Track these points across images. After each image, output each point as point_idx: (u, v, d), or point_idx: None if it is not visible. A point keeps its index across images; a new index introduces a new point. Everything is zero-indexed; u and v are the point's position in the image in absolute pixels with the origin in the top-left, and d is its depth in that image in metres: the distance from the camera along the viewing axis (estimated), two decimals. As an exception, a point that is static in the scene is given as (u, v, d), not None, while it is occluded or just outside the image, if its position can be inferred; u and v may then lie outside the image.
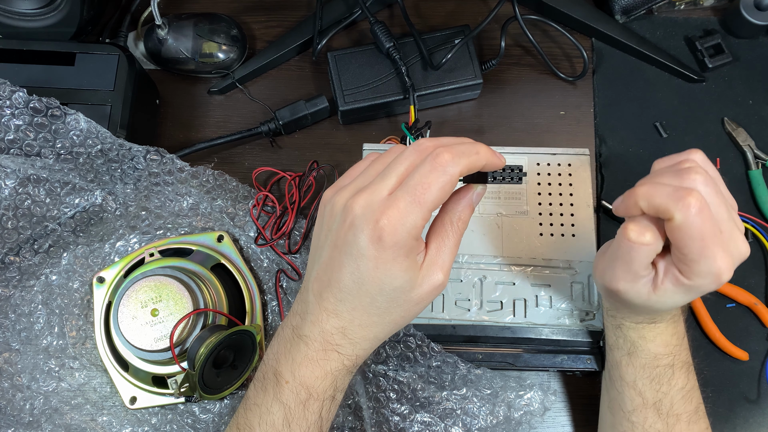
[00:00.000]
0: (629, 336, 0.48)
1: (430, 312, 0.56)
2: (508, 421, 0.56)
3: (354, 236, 0.40)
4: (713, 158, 0.67)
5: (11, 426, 0.56)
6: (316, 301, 0.43)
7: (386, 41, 0.65)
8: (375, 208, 0.40)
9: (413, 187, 0.39)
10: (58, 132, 0.59)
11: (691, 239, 0.39)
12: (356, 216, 0.40)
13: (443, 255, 0.42)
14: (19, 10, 0.61)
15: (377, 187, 0.41)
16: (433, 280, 0.42)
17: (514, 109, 0.69)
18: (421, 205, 0.39)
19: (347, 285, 0.41)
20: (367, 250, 0.40)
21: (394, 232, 0.39)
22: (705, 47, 0.69)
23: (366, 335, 0.43)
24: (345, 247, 0.41)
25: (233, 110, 0.69)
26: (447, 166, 0.39)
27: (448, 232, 0.43)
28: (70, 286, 0.60)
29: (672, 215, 0.38)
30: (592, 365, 0.56)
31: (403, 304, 0.42)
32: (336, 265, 0.42)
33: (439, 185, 0.39)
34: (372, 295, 0.41)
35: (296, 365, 0.43)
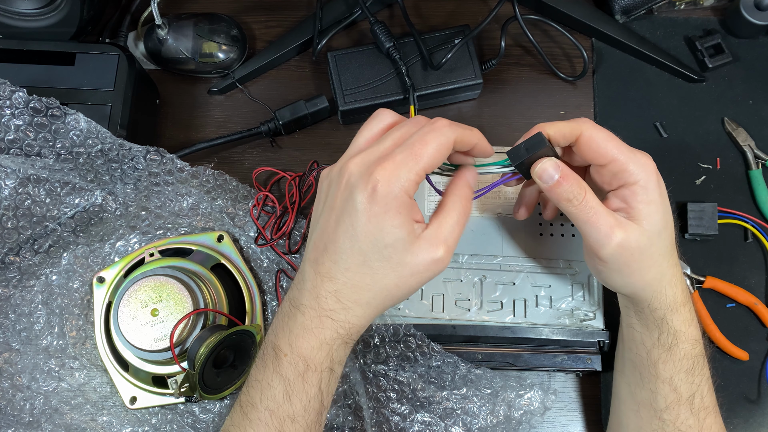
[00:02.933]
0: (673, 325, 0.48)
1: (430, 312, 0.56)
2: (509, 420, 0.56)
3: (349, 194, 0.42)
4: (713, 158, 0.67)
5: (11, 426, 0.56)
6: (311, 269, 0.44)
7: (386, 41, 0.65)
8: (371, 164, 0.41)
9: (410, 144, 0.42)
10: (58, 132, 0.59)
11: (605, 141, 0.45)
12: (351, 174, 0.42)
13: (444, 229, 0.43)
14: (19, 10, 0.61)
15: (373, 149, 0.43)
16: (432, 252, 0.42)
17: (514, 109, 0.69)
18: (417, 159, 0.41)
19: (342, 244, 0.42)
20: (361, 204, 0.41)
21: (387, 183, 0.40)
22: (705, 47, 0.69)
23: (359, 299, 0.43)
24: (341, 207, 0.42)
25: (233, 110, 0.69)
26: (444, 128, 0.42)
27: (449, 208, 0.44)
28: (70, 286, 0.60)
29: (580, 130, 0.45)
30: (592, 365, 0.56)
31: (397, 268, 0.42)
32: (331, 228, 0.43)
33: (437, 143, 0.42)
34: (365, 252, 0.42)
35: (293, 337, 0.44)
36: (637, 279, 0.47)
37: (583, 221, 0.46)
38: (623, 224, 0.45)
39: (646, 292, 0.48)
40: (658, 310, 0.48)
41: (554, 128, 0.46)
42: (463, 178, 0.46)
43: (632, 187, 0.46)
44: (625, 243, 0.45)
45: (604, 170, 0.47)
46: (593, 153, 0.46)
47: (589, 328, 0.56)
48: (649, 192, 0.46)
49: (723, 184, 0.66)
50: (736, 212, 0.64)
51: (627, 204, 0.46)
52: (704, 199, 0.64)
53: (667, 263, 0.48)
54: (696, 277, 0.62)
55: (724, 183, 0.66)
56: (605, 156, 0.46)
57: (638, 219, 0.46)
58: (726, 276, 0.63)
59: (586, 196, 0.45)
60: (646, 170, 0.46)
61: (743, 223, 0.64)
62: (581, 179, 0.46)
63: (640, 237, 0.45)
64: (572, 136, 0.46)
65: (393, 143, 0.43)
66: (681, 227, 0.64)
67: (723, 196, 0.66)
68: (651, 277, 0.47)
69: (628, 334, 0.51)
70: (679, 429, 0.49)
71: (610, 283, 0.49)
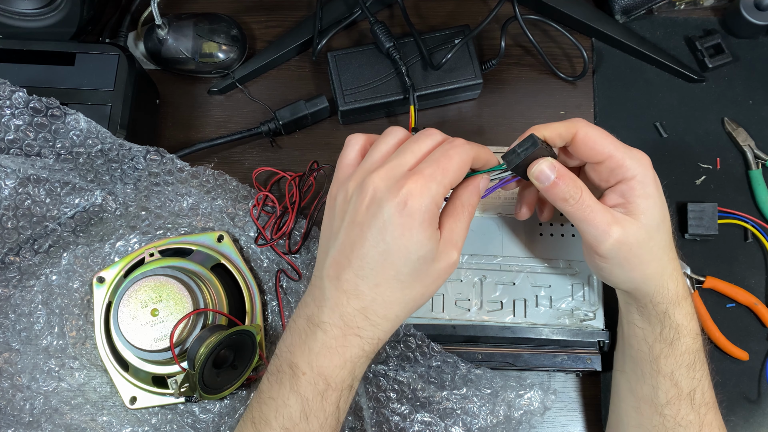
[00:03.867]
0: (676, 319, 0.48)
1: (430, 312, 0.56)
2: (509, 420, 0.56)
3: (377, 207, 0.41)
4: (713, 158, 0.67)
5: (11, 426, 0.56)
6: (333, 286, 0.43)
7: (386, 41, 0.65)
8: (398, 179, 0.41)
9: (437, 159, 0.42)
10: (58, 132, 0.59)
11: (601, 139, 0.46)
12: (377, 188, 0.42)
13: (456, 234, 0.44)
14: (19, 10, 0.61)
15: (396, 163, 0.43)
16: (449, 256, 0.43)
17: (514, 109, 0.69)
18: (444, 173, 0.42)
19: (371, 259, 0.42)
20: (393, 218, 0.41)
21: (419, 196, 0.41)
22: (705, 47, 0.69)
23: (388, 314, 0.43)
24: (367, 221, 0.41)
25: (233, 110, 0.69)
26: (465, 145, 0.43)
27: (459, 214, 0.45)
28: (70, 286, 0.60)
29: (575, 129, 0.46)
30: (592, 365, 0.56)
31: (425, 278, 0.43)
32: (357, 243, 0.42)
33: (460, 159, 0.43)
34: (397, 266, 0.42)
35: (314, 355, 0.43)
36: (639, 273, 0.48)
37: (580, 219, 0.46)
38: (620, 220, 0.46)
39: (648, 286, 0.48)
40: (661, 304, 0.48)
41: (549, 129, 0.47)
42: (474, 184, 0.46)
43: (630, 182, 0.46)
44: (623, 238, 0.46)
45: (600, 167, 0.47)
46: (589, 151, 0.47)
47: (589, 328, 0.56)
48: (647, 186, 0.46)
49: (723, 184, 0.66)
50: (736, 212, 0.64)
51: (625, 199, 0.47)
52: (704, 199, 0.64)
53: (667, 257, 0.49)
54: (696, 277, 0.62)
55: (724, 183, 0.66)
56: (601, 153, 0.46)
57: (636, 213, 0.46)
58: (726, 276, 0.63)
59: (582, 194, 0.46)
60: (643, 165, 0.47)
61: (743, 223, 0.64)
62: (577, 178, 0.46)
63: (638, 231, 0.46)
64: (568, 135, 0.47)
65: (415, 158, 0.43)
66: (681, 227, 0.64)
67: (723, 196, 0.66)
68: (652, 271, 0.48)
69: (629, 331, 0.51)
70: (680, 424, 0.49)
71: (611, 280, 0.50)
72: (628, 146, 0.47)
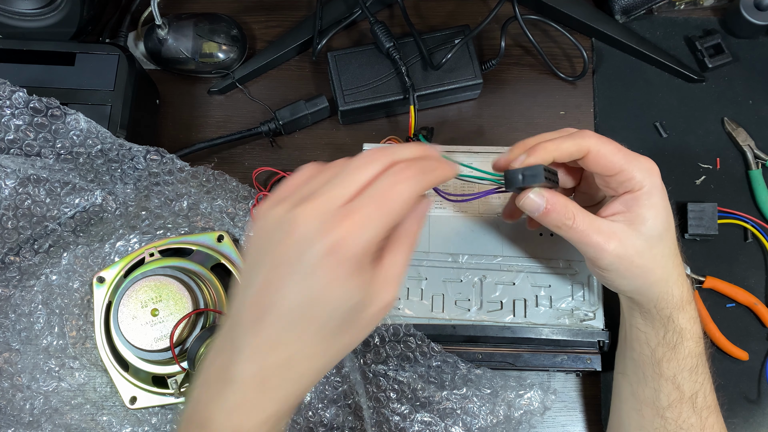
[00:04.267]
0: (679, 323, 0.48)
1: (430, 312, 0.56)
2: (509, 420, 0.56)
3: (302, 251, 0.35)
4: (713, 158, 0.67)
5: (11, 426, 0.56)
6: (251, 332, 0.37)
7: (386, 41, 0.65)
8: (329, 218, 0.35)
9: (378, 197, 0.36)
10: (58, 132, 0.59)
11: (613, 155, 0.45)
12: (305, 227, 0.35)
13: (394, 269, 0.38)
14: (19, 10, 0.61)
15: (329, 196, 0.36)
16: (384, 298, 0.38)
17: (514, 109, 0.69)
18: (386, 215, 0.36)
19: (293, 309, 0.36)
20: (320, 267, 0.35)
21: (353, 244, 0.35)
22: (705, 47, 0.69)
23: (312, 367, 0.38)
24: (290, 265, 0.35)
25: (233, 110, 0.69)
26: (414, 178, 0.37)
27: (397, 247, 0.39)
28: (70, 286, 0.60)
29: (587, 148, 0.45)
30: (592, 365, 0.56)
31: (355, 327, 0.38)
32: (278, 287, 0.36)
33: (408, 196, 0.37)
34: (323, 319, 0.36)
35: (228, 413, 0.37)
36: (642, 282, 0.47)
37: (576, 241, 0.46)
38: (617, 233, 0.46)
39: (653, 292, 0.48)
40: (665, 309, 0.48)
41: (561, 151, 0.45)
42: (418, 211, 0.40)
43: (636, 194, 0.46)
44: (621, 252, 0.46)
45: (610, 179, 0.46)
46: (601, 168, 0.46)
47: (589, 328, 0.56)
48: (652, 197, 0.46)
49: (723, 184, 0.66)
50: (736, 212, 0.64)
51: (627, 208, 0.46)
52: (704, 199, 0.64)
53: (672, 264, 0.48)
54: (696, 277, 0.62)
55: (724, 183, 0.66)
56: (613, 169, 0.46)
57: (637, 223, 0.46)
58: (726, 276, 0.63)
59: (575, 220, 0.45)
60: (651, 176, 0.46)
61: (743, 223, 0.64)
62: (569, 202, 0.46)
63: (638, 242, 0.46)
64: (579, 154, 0.46)
65: (353, 189, 0.37)
66: (681, 227, 0.64)
67: (723, 196, 0.66)
68: (656, 279, 0.48)
69: (631, 334, 0.51)
70: (681, 427, 0.49)
71: (615, 287, 0.50)
72: (637, 155, 0.46)
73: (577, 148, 0.45)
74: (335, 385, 0.56)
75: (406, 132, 0.65)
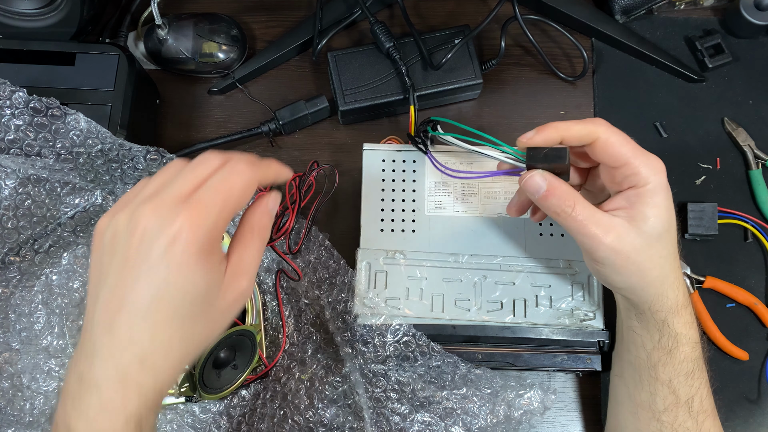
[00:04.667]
0: (675, 328, 0.48)
1: (430, 312, 0.56)
2: (509, 420, 0.56)
3: (148, 244, 0.36)
4: (713, 158, 0.67)
5: (11, 426, 0.56)
6: (105, 334, 0.37)
7: (386, 41, 0.65)
8: (169, 211, 0.37)
9: (215, 187, 0.38)
10: (58, 132, 0.59)
11: (621, 146, 0.45)
12: (148, 223, 0.37)
13: (246, 261, 0.40)
14: (19, 10, 0.61)
15: (167, 193, 0.38)
16: (238, 286, 0.40)
17: (514, 109, 0.69)
18: (225, 202, 0.38)
19: (144, 302, 0.37)
20: (165, 256, 0.36)
21: (194, 230, 0.36)
22: (705, 47, 0.69)
23: (169, 360, 0.38)
24: (137, 260, 0.37)
25: (233, 110, 0.69)
26: (245, 170, 0.39)
27: (248, 239, 0.41)
28: (70, 286, 0.60)
29: (597, 134, 0.45)
30: (592, 365, 0.56)
31: (209, 314, 0.39)
32: (128, 284, 0.37)
33: (243, 185, 0.39)
34: (174, 307, 0.37)
35: (90, 420, 0.37)
36: (638, 280, 0.47)
37: (573, 231, 0.46)
38: (616, 227, 0.46)
39: (648, 293, 0.48)
40: (660, 312, 0.48)
41: (570, 132, 0.46)
42: (263, 206, 0.43)
43: (640, 190, 0.46)
44: (617, 247, 0.46)
45: (616, 172, 0.47)
46: (608, 157, 0.46)
47: (589, 328, 0.56)
48: (656, 196, 0.46)
49: (723, 184, 0.66)
50: (736, 212, 0.64)
51: (630, 205, 0.46)
52: (704, 199, 0.64)
53: (669, 266, 0.48)
54: (696, 277, 0.62)
55: (724, 183, 0.66)
56: (619, 160, 0.46)
57: (637, 220, 0.46)
58: (726, 276, 0.63)
59: (575, 207, 0.45)
60: (657, 175, 0.46)
61: (743, 223, 0.64)
62: (570, 190, 0.46)
63: (636, 239, 0.46)
64: (589, 139, 0.46)
65: (191, 185, 0.38)
66: (681, 227, 0.64)
67: (723, 196, 0.66)
68: (653, 279, 0.47)
69: (628, 336, 0.51)
70: (677, 431, 0.49)
71: (610, 283, 0.50)
72: (645, 152, 0.47)
73: (586, 132, 0.46)
74: (335, 385, 0.56)
75: (406, 132, 0.65)
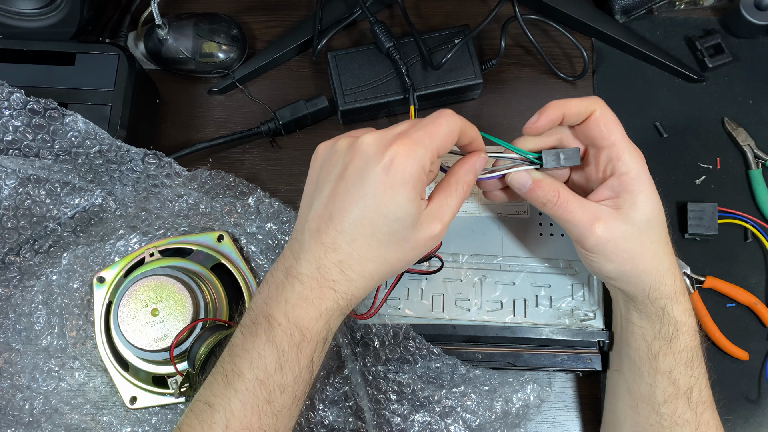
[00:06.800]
0: (674, 315, 0.49)
1: (430, 312, 0.56)
2: (506, 415, 0.56)
3: (365, 163, 0.42)
4: (713, 158, 0.67)
5: (11, 426, 0.56)
6: (313, 238, 0.44)
7: (386, 41, 0.65)
8: (387, 140, 0.43)
9: (425, 125, 0.44)
10: (57, 133, 0.59)
11: (614, 124, 0.48)
12: (368, 146, 0.43)
13: (444, 209, 0.45)
14: (19, 10, 0.61)
15: (387, 130, 0.44)
16: (431, 228, 0.44)
17: (514, 109, 0.69)
18: (432, 138, 0.43)
19: (351, 215, 0.43)
20: (378, 176, 0.42)
21: (405, 157, 0.42)
22: (705, 47, 0.69)
23: (362, 270, 0.44)
24: (353, 176, 0.43)
25: (233, 110, 0.69)
26: (452, 115, 0.45)
27: (452, 191, 0.46)
28: (70, 286, 0.60)
29: (594, 107, 0.48)
30: (592, 365, 0.56)
31: (403, 242, 0.44)
32: (340, 197, 0.43)
33: (448, 127, 0.44)
34: (376, 223, 0.42)
35: (290, 306, 0.43)
36: (632, 267, 0.48)
37: (562, 220, 0.48)
38: (604, 215, 0.47)
39: (644, 281, 0.48)
40: (659, 300, 0.49)
41: (569, 106, 0.48)
42: (471, 162, 0.47)
43: (623, 178, 0.48)
44: (607, 234, 0.47)
45: (600, 155, 0.49)
46: (599, 132, 0.48)
47: (589, 328, 0.56)
48: (640, 183, 0.48)
49: (723, 184, 0.66)
50: (736, 212, 0.64)
51: (615, 194, 0.48)
52: (704, 199, 0.64)
53: (663, 252, 0.49)
54: (696, 277, 0.62)
55: (724, 183, 0.66)
56: (608, 138, 0.48)
57: (624, 208, 0.47)
58: (726, 276, 0.63)
59: (560, 197, 0.48)
60: (638, 162, 0.48)
61: (743, 223, 0.64)
62: (555, 182, 0.48)
63: (624, 226, 0.47)
64: (586, 112, 0.48)
65: (406, 125, 0.45)
66: (681, 227, 0.64)
67: (723, 196, 0.66)
68: (647, 266, 0.48)
69: (626, 330, 0.52)
70: (677, 423, 0.49)
71: (604, 273, 0.50)
72: (630, 141, 0.49)
73: (584, 105, 0.48)
74: (336, 386, 0.56)
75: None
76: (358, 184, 0.42)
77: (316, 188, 0.46)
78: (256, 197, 0.62)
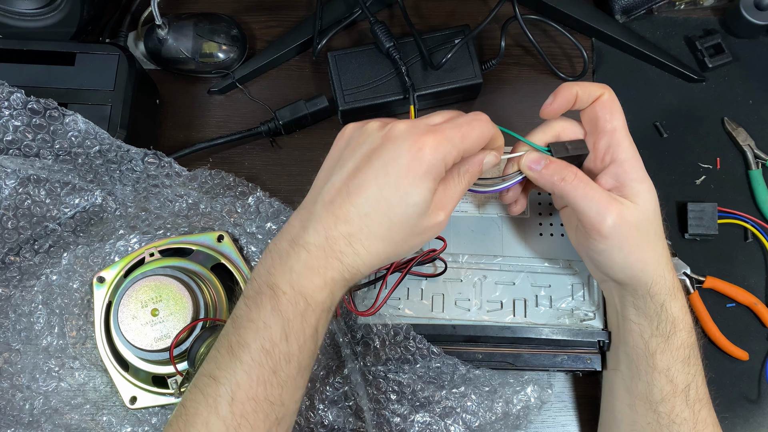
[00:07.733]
0: (672, 312, 0.49)
1: (430, 312, 0.56)
2: (507, 416, 0.56)
3: (394, 146, 0.43)
4: (713, 158, 0.67)
5: (11, 426, 0.56)
6: (325, 209, 0.44)
7: (386, 41, 0.65)
8: (420, 130, 0.43)
9: (459, 124, 0.45)
10: (57, 133, 0.59)
11: (619, 111, 0.49)
12: (400, 132, 0.44)
13: (447, 197, 0.46)
14: (19, 10, 0.61)
15: (421, 120, 0.45)
16: (436, 217, 0.45)
17: (514, 109, 0.69)
18: (463, 138, 0.44)
19: (369, 191, 0.43)
20: (403, 158, 0.42)
21: (434, 149, 0.43)
22: (705, 47, 0.69)
23: (370, 246, 0.44)
24: (381, 158, 0.43)
25: (233, 110, 0.69)
26: (488, 122, 0.46)
27: (455, 179, 0.46)
28: (70, 286, 0.60)
29: (602, 92, 0.50)
30: (592, 365, 0.56)
31: (411, 227, 0.44)
32: (362, 174, 0.43)
33: (482, 132, 0.45)
34: (391, 203, 0.43)
35: (295, 275, 0.43)
36: (637, 258, 0.48)
37: (580, 197, 0.47)
38: (618, 199, 0.48)
39: (647, 274, 0.49)
40: (659, 295, 0.49)
41: (582, 87, 0.50)
42: (479, 156, 0.48)
43: (623, 165, 0.48)
44: (623, 216, 0.47)
45: (600, 141, 0.50)
46: (603, 114, 0.49)
47: (589, 328, 0.56)
48: (639, 171, 0.48)
49: (723, 184, 0.66)
50: (736, 212, 0.64)
51: (619, 183, 0.48)
52: (704, 199, 0.64)
53: (662, 245, 0.49)
54: (696, 277, 0.62)
55: (724, 183, 0.66)
56: (611, 122, 0.49)
57: (632, 197, 0.48)
58: (726, 276, 0.63)
59: (577, 173, 0.48)
60: (635, 154, 0.49)
61: (743, 223, 0.64)
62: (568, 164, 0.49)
63: (635, 213, 0.47)
64: (596, 93, 0.50)
65: (442, 119, 0.46)
66: (681, 227, 0.64)
67: (723, 196, 0.66)
68: (649, 257, 0.48)
69: (624, 328, 0.52)
70: (674, 421, 0.49)
71: (609, 265, 0.49)
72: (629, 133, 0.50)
73: (595, 88, 0.50)
74: (336, 386, 0.56)
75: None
76: (383, 165, 0.43)
77: (337, 163, 0.46)
78: (256, 197, 0.62)
